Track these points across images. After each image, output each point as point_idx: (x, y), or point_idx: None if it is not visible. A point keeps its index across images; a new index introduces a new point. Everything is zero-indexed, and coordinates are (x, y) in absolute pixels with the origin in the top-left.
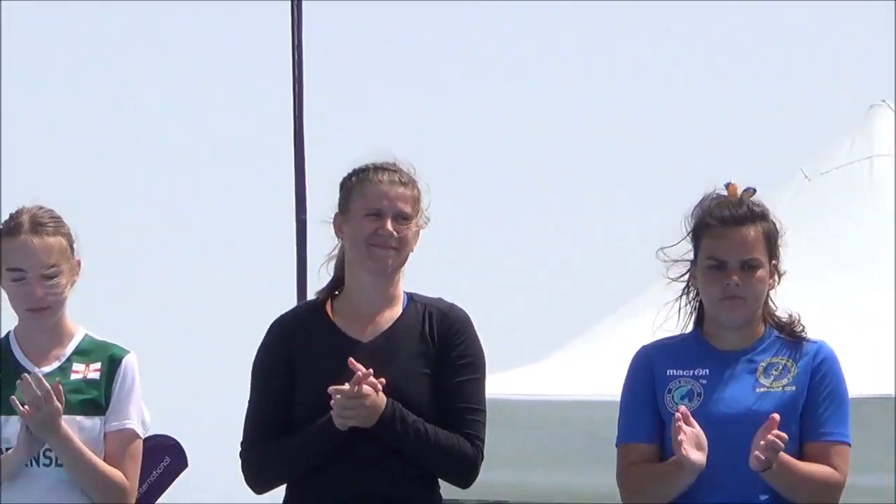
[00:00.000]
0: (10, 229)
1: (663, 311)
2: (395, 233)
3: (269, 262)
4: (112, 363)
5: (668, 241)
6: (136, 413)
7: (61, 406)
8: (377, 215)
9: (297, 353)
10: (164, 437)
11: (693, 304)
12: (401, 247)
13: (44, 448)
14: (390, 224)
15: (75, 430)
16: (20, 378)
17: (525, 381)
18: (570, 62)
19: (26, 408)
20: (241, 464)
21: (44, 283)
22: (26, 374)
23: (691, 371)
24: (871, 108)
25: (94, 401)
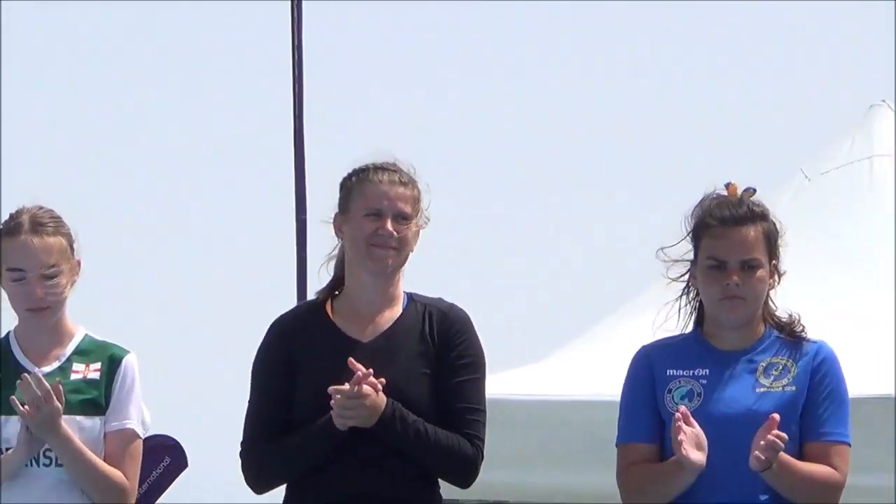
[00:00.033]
0: (10, 229)
1: (663, 311)
2: (395, 233)
3: (270, 262)
4: (112, 363)
5: (668, 241)
6: (136, 413)
7: (61, 406)
8: (377, 215)
9: (297, 353)
10: (163, 437)
11: (693, 304)
12: (401, 247)
13: (44, 448)
14: (390, 224)
15: (75, 430)
16: (20, 378)
17: (525, 381)
18: (570, 62)
19: (26, 408)
20: (241, 464)
21: (44, 283)
22: (26, 375)
23: (691, 371)
24: (871, 108)
25: (94, 401)
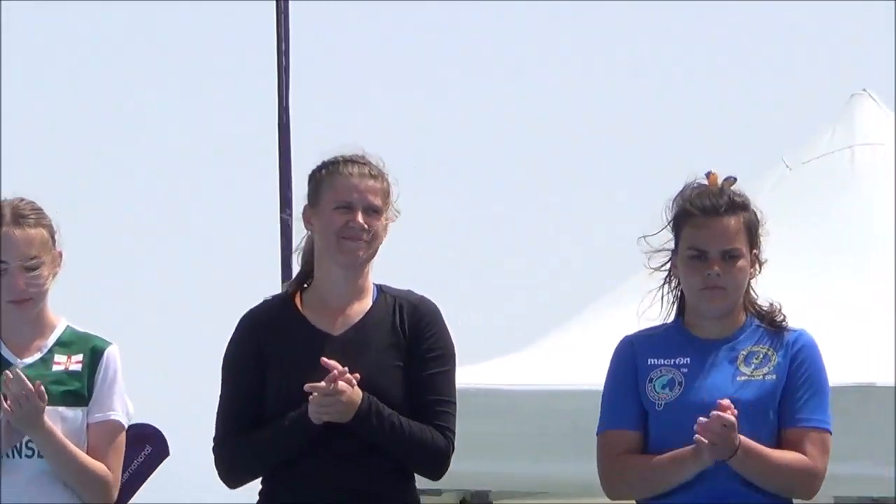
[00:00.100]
0: None
1: (647, 299)
2: (365, 225)
3: (254, 254)
4: (94, 355)
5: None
6: (119, 404)
7: (44, 404)
8: (348, 208)
9: (267, 347)
10: (144, 426)
11: (675, 293)
12: (371, 240)
13: (26, 439)
14: (361, 217)
15: (57, 420)
16: (2, 372)
17: (508, 371)
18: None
19: (8, 403)
20: (214, 458)
21: (25, 274)
22: (8, 372)
23: (672, 360)
24: (851, 97)
25: (76, 392)
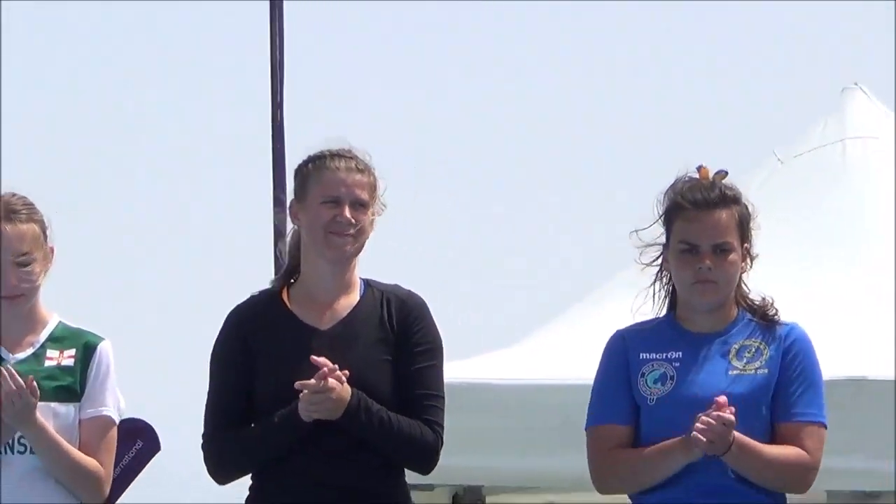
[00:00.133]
0: None
1: (638, 295)
2: (353, 220)
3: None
4: (87, 350)
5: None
6: (111, 400)
7: (36, 401)
8: (335, 202)
9: (255, 343)
10: (135, 421)
11: (666, 287)
12: (358, 234)
13: (18, 435)
14: (348, 211)
15: (49, 416)
16: None
17: (499, 365)
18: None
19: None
20: (203, 454)
21: (17, 270)
22: (1, 369)
23: (664, 354)
24: (843, 91)
25: (68, 387)
